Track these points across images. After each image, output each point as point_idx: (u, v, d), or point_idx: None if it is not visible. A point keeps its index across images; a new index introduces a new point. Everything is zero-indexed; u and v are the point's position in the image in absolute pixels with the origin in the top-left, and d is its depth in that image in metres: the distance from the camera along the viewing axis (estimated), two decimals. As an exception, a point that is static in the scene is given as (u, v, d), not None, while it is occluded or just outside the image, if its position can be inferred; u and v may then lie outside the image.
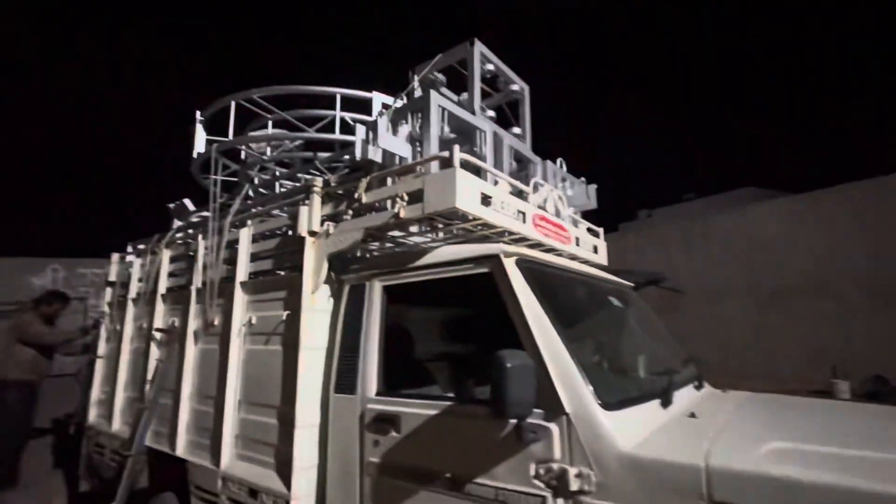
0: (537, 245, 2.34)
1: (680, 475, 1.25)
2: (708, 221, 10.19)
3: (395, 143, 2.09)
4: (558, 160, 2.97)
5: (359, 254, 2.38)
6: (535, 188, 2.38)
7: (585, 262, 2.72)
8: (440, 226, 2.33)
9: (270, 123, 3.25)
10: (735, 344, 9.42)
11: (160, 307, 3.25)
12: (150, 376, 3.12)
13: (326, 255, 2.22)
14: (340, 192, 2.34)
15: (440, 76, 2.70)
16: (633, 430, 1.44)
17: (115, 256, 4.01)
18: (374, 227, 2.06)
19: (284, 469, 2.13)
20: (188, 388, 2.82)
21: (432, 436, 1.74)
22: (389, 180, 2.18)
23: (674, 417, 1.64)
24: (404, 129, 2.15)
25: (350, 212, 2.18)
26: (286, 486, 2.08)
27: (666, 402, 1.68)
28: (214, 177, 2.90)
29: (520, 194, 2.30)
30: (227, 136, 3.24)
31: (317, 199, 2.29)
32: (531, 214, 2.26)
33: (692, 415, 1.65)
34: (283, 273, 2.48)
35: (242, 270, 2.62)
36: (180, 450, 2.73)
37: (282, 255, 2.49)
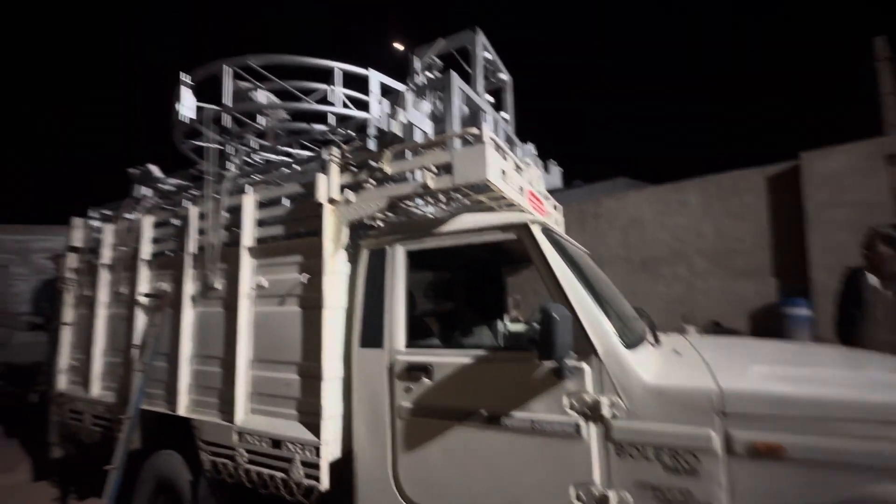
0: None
1: (699, 397, 1.35)
2: (598, 204, 10.94)
3: (419, 117, 1.94)
4: (530, 143, 2.98)
5: (372, 223, 2.22)
6: (527, 167, 2.37)
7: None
8: (443, 199, 2.24)
9: (261, 93, 2.84)
10: (616, 299, 10.36)
11: (145, 272, 2.78)
12: (137, 341, 2.69)
13: (347, 221, 2.04)
14: (354, 162, 2.14)
15: (437, 60, 2.55)
16: (646, 365, 1.53)
17: (78, 221, 3.34)
18: (401, 195, 1.91)
19: (311, 419, 1.97)
20: (187, 350, 2.48)
21: (467, 379, 1.71)
22: (409, 153, 2.04)
23: (664, 354, 1.77)
24: (425, 106, 2.00)
25: (372, 181, 2.01)
26: (314, 433, 1.93)
27: (656, 342, 1.81)
28: (210, 144, 2.49)
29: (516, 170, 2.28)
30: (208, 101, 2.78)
31: (335, 168, 2.08)
32: (526, 189, 2.25)
33: (675, 351, 1.80)
34: (296, 238, 2.23)
35: (248, 236, 2.32)
36: (182, 409, 2.42)
37: (294, 221, 2.24)
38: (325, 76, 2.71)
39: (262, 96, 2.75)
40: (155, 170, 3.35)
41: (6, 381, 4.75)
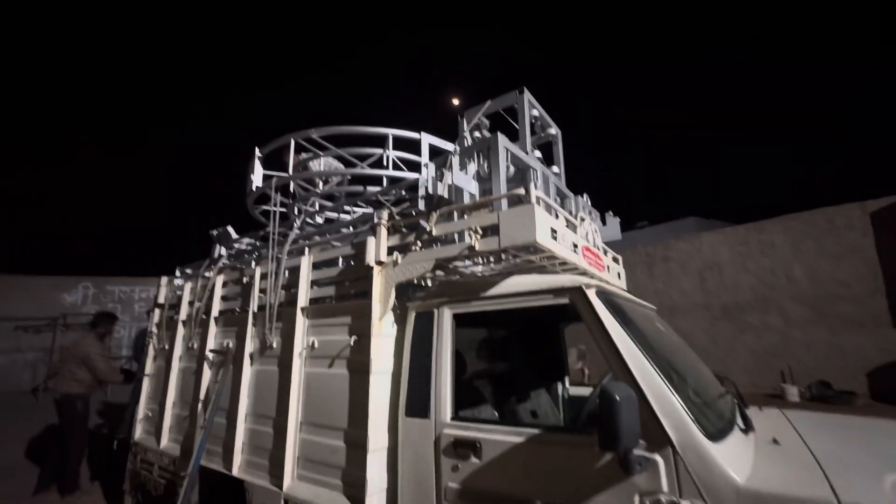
0: (583, 273, 2.19)
1: (812, 512, 1.08)
2: (667, 246, 10.24)
3: (465, 179, 1.93)
4: (584, 195, 2.86)
5: (421, 283, 2.19)
6: (581, 222, 2.25)
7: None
8: (492, 258, 2.17)
9: (323, 160, 3.06)
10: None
11: (213, 329, 2.96)
12: (202, 396, 2.82)
13: (395, 283, 2.02)
14: (403, 225, 2.16)
15: (485, 120, 2.58)
16: (737, 460, 1.27)
17: (164, 279, 3.69)
18: (447, 258, 1.87)
19: (355, 492, 1.88)
20: (244, 408, 2.53)
21: (519, 463, 1.54)
22: (456, 214, 2.01)
23: (759, 444, 1.47)
24: (472, 167, 2.00)
25: (419, 243, 2.00)
26: (358, 510, 1.83)
27: (747, 429, 1.52)
28: (274, 208, 2.68)
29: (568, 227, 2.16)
30: (274, 170, 3.04)
31: (383, 231, 2.10)
32: (581, 246, 2.12)
33: (774, 440, 1.49)
34: (346, 299, 2.26)
35: (303, 296, 2.39)
36: (236, 470, 2.43)
37: (345, 283, 2.28)
38: (381, 140, 2.86)
39: (322, 164, 2.94)
40: (232, 231, 3.66)
41: (101, 424, 5.20)
